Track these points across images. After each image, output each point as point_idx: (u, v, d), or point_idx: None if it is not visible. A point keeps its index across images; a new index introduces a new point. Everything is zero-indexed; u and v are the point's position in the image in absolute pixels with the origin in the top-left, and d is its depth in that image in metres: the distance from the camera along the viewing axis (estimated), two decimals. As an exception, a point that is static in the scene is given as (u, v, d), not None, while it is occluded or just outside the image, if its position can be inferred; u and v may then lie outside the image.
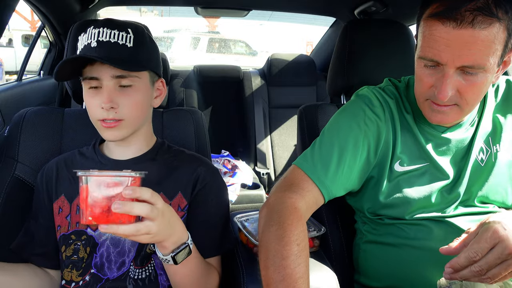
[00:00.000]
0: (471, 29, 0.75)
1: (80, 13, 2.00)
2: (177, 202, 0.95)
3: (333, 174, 0.90)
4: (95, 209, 0.65)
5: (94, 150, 1.00)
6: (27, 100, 2.06)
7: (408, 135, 0.95)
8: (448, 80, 0.80)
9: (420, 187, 0.93)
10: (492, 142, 0.94)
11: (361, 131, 0.93)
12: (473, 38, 0.75)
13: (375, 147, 0.94)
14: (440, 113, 0.86)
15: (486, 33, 0.75)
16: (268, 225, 0.80)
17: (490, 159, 0.93)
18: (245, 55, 9.53)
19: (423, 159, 0.94)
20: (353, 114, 0.96)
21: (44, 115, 1.13)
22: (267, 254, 0.76)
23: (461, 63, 0.78)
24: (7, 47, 10.23)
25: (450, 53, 0.77)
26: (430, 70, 0.83)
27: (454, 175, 0.94)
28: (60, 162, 1.00)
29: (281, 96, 2.90)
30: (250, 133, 2.79)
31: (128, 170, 0.72)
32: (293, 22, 3.44)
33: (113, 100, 0.87)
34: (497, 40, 0.77)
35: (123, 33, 0.86)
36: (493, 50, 0.77)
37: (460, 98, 0.83)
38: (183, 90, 2.79)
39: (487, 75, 0.80)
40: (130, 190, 0.66)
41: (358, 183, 0.96)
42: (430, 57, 0.81)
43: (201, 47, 8.54)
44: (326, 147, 0.92)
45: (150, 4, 3.09)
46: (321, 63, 3.04)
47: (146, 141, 1.00)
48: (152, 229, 0.70)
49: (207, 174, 0.98)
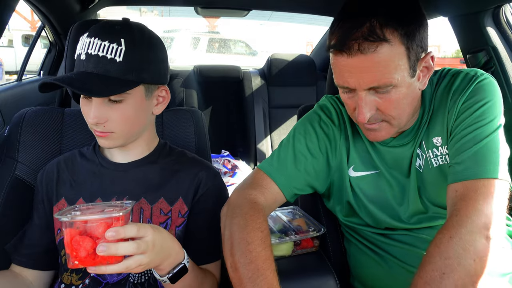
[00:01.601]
0: (362, 55, 0.78)
1: (80, 13, 2.00)
2: (178, 208, 0.94)
3: (291, 172, 0.96)
4: (80, 252, 0.64)
5: (95, 152, 0.99)
6: (27, 100, 2.06)
7: (359, 142, 1.00)
8: (363, 102, 0.83)
9: (374, 192, 0.97)
10: (426, 147, 0.93)
11: (315, 134, 0.99)
12: (367, 63, 0.78)
13: (333, 150, 1.00)
14: (373, 131, 0.89)
15: (378, 55, 0.77)
16: (231, 217, 0.86)
17: (427, 165, 0.93)
18: (245, 55, 9.54)
19: (373, 166, 0.98)
20: (310, 119, 1.03)
21: (44, 115, 1.13)
22: (232, 243, 0.82)
23: (367, 85, 0.81)
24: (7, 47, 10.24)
25: (354, 78, 0.81)
26: (348, 94, 0.87)
27: (401, 185, 0.96)
28: (60, 163, 0.99)
29: (281, 96, 2.90)
30: (250, 133, 2.79)
31: (117, 202, 0.71)
32: (293, 22, 3.44)
33: (101, 115, 0.84)
34: (394, 58, 0.78)
35: (114, 45, 0.82)
36: (393, 67, 0.79)
37: (384, 115, 0.86)
38: (183, 90, 2.80)
39: (400, 89, 0.82)
40: (113, 232, 0.64)
41: (321, 184, 1.01)
42: (341, 84, 0.85)
43: (201, 47, 8.54)
44: (284, 149, 1.00)
45: (150, 4, 3.09)
46: (321, 63, 3.04)
47: (148, 144, 0.99)
48: (143, 261, 0.68)
49: (208, 179, 0.97)
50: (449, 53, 15.86)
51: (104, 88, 0.81)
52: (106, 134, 0.87)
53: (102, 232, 0.64)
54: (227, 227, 0.85)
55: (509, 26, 1.50)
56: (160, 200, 0.93)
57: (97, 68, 0.82)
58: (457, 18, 1.55)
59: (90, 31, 0.85)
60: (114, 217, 0.65)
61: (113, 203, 0.73)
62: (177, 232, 0.94)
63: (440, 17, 1.59)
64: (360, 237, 1.05)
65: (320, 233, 1.03)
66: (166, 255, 0.75)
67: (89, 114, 0.86)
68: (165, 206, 0.93)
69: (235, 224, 0.84)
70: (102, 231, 0.64)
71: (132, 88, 0.85)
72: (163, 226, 0.92)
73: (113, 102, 0.85)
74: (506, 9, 1.49)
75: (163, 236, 0.75)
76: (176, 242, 0.80)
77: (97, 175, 0.96)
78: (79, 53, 0.85)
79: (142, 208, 0.92)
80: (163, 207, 0.93)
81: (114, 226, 0.65)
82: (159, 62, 0.91)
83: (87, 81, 0.81)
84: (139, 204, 0.93)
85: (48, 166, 1.00)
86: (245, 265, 0.77)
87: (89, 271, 0.65)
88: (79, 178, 0.96)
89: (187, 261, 0.81)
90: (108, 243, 0.63)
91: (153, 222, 0.92)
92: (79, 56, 0.85)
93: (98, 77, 0.82)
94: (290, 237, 0.98)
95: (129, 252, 0.66)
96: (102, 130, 0.87)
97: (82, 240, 0.64)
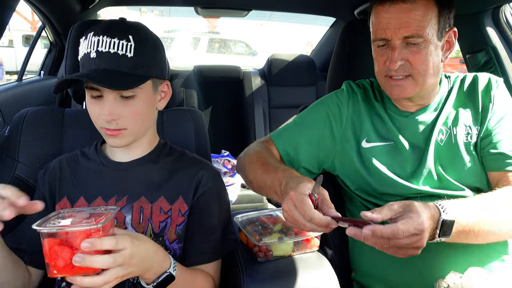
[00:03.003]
0: (402, 4, 0.95)
1: (80, 13, 2.00)
2: (178, 207, 0.95)
3: (292, 137, 1.13)
4: (58, 262, 0.64)
5: (96, 151, 0.99)
6: (28, 100, 2.06)
7: (375, 118, 1.11)
8: (396, 51, 0.97)
9: (387, 161, 1.06)
10: (452, 124, 1.05)
11: (324, 111, 1.14)
12: (406, 12, 0.95)
13: (338, 124, 1.12)
14: (398, 86, 1.00)
15: (415, 6, 0.94)
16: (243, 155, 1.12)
17: (450, 139, 1.04)
18: (245, 55, 9.54)
19: (389, 138, 1.08)
20: (323, 99, 1.18)
21: (44, 115, 1.13)
22: (247, 162, 1.08)
23: (402, 34, 0.95)
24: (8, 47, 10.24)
25: (392, 28, 0.96)
26: (382, 50, 1.01)
27: (418, 155, 1.05)
28: (63, 162, 0.99)
29: (281, 96, 2.90)
30: (250, 133, 2.79)
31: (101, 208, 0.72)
32: (293, 22, 3.45)
33: (114, 112, 0.85)
34: (428, 12, 0.95)
35: (123, 41, 0.84)
36: (427, 21, 0.95)
37: (411, 68, 0.98)
38: (183, 90, 2.80)
39: (429, 45, 0.96)
40: (88, 244, 0.64)
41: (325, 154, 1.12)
42: (379, 36, 0.99)
43: (201, 47, 8.54)
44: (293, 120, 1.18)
45: (150, 4, 3.09)
46: (321, 63, 3.04)
47: (149, 143, 1.00)
48: (119, 274, 0.68)
49: (208, 178, 0.97)
50: (449, 53, 15.80)
51: (123, 83, 0.83)
52: (119, 132, 0.88)
53: (80, 242, 0.64)
54: (241, 160, 1.12)
55: (508, 26, 1.50)
56: (160, 199, 0.94)
57: (109, 65, 0.83)
58: (457, 18, 1.55)
59: (96, 30, 0.85)
60: (93, 228, 0.65)
61: (98, 209, 0.73)
62: (177, 231, 0.94)
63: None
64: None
65: (320, 233, 1.03)
66: (147, 266, 0.76)
67: (101, 112, 0.86)
68: (165, 205, 0.94)
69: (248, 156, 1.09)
70: (80, 241, 0.64)
71: (144, 82, 0.87)
72: (163, 225, 0.93)
73: (125, 98, 0.87)
74: (505, 9, 1.49)
75: (144, 247, 0.75)
76: (161, 251, 0.80)
77: (98, 174, 0.96)
78: (87, 51, 0.85)
79: (142, 207, 0.93)
80: (163, 206, 0.94)
81: (92, 237, 0.65)
82: (162, 57, 0.94)
83: (104, 77, 0.82)
84: (139, 202, 0.93)
85: (50, 165, 1.00)
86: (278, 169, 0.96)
87: (68, 280, 0.65)
88: (81, 177, 0.96)
89: (174, 269, 0.81)
90: (84, 254, 0.64)
91: (153, 221, 0.92)
92: (87, 55, 0.85)
93: (112, 73, 0.83)
94: (290, 237, 0.98)
95: (105, 266, 0.66)
96: (115, 128, 0.87)
97: (60, 250, 0.64)
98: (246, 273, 0.93)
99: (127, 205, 0.92)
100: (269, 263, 0.97)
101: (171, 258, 0.82)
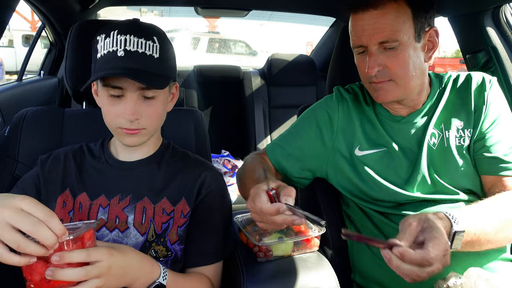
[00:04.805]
0: (374, 10, 0.95)
1: (80, 13, 2.00)
2: (181, 208, 0.94)
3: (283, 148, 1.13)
4: (34, 276, 0.64)
5: (102, 149, 0.99)
6: (27, 100, 2.06)
7: (367, 124, 1.09)
8: (372, 57, 0.97)
9: (380, 168, 1.05)
10: (444, 127, 1.04)
11: (314, 120, 1.13)
12: (378, 18, 0.94)
13: (329, 133, 1.11)
14: (381, 90, 1.00)
15: (386, 10, 0.94)
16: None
17: (442, 143, 1.03)
18: (245, 55, 9.54)
19: (381, 144, 1.06)
20: (314, 107, 1.18)
21: (44, 115, 1.13)
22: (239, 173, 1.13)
23: (376, 40, 0.95)
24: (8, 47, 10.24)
25: (367, 34, 0.96)
26: (362, 56, 1.01)
27: (411, 160, 1.03)
28: (68, 155, 0.99)
29: (281, 96, 2.90)
30: (250, 133, 2.79)
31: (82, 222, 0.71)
32: (293, 22, 3.44)
33: (137, 111, 0.86)
34: (400, 15, 0.94)
35: (149, 42, 0.84)
36: (400, 24, 0.94)
37: (391, 72, 0.97)
38: (183, 90, 2.80)
39: (406, 49, 0.95)
40: (57, 257, 0.63)
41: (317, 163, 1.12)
42: (356, 43, 1.00)
43: (201, 47, 8.54)
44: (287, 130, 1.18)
45: (150, 4, 3.09)
46: (321, 63, 3.04)
47: (154, 143, 1.00)
48: (98, 284, 0.68)
49: (211, 180, 0.97)
50: (449, 53, 15.86)
51: (157, 82, 0.85)
52: (138, 131, 0.88)
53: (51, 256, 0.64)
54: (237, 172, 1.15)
55: (509, 26, 1.50)
56: (163, 200, 0.94)
57: (138, 64, 0.83)
58: (457, 18, 1.55)
59: (120, 28, 0.84)
60: (65, 241, 0.64)
61: (78, 223, 0.73)
62: (179, 232, 0.94)
63: (440, 17, 1.59)
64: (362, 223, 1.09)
65: (320, 233, 1.03)
66: (133, 277, 0.76)
67: (124, 112, 0.85)
68: (168, 206, 0.94)
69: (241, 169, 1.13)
70: (50, 255, 0.64)
71: (168, 83, 0.90)
72: (165, 226, 0.93)
73: (146, 98, 0.87)
74: (506, 9, 1.49)
75: (126, 258, 0.75)
76: (147, 261, 0.81)
77: (101, 172, 0.96)
78: (113, 49, 0.83)
79: (145, 207, 0.93)
80: (166, 207, 0.94)
81: (62, 250, 0.65)
82: (175, 59, 0.96)
83: (139, 76, 0.82)
84: (142, 203, 0.93)
85: (54, 153, 0.99)
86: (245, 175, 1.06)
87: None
88: (84, 173, 0.96)
89: (164, 278, 0.81)
90: (55, 268, 0.64)
91: (155, 222, 0.92)
92: (113, 53, 0.83)
93: (141, 72, 0.83)
94: (290, 237, 0.98)
95: (77, 278, 0.66)
96: (136, 127, 0.87)
97: (35, 264, 0.64)
98: (246, 273, 0.93)
99: (130, 205, 0.92)
100: (269, 263, 0.97)
101: (161, 267, 0.83)
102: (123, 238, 0.91)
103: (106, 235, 0.91)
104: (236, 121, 2.98)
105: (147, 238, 0.91)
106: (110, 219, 0.91)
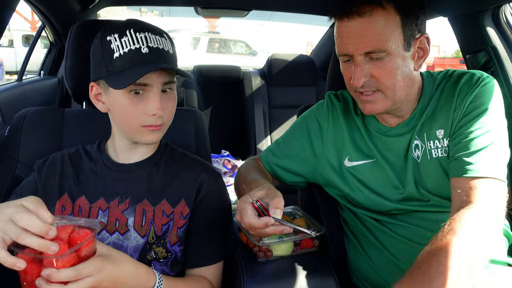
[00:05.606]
0: (360, 18, 0.88)
1: (80, 13, 2.00)
2: (180, 210, 0.94)
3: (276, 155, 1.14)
4: (27, 277, 0.66)
5: (99, 151, 0.98)
6: (27, 100, 2.06)
7: (356, 133, 1.06)
8: (358, 67, 0.90)
9: (369, 179, 1.03)
10: (426, 138, 0.98)
11: (305, 127, 1.12)
12: (364, 26, 0.88)
13: (319, 142, 1.09)
14: (368, 102, 0.95)
15: (373, 19, 0.87)
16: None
17: (425, 156, 0.97)
18: (245, 55, 9.55)
19: (370, 155, 1.03)
20: (306, 114, 1.17)
21: (44, 115, 1.13)
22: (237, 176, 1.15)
23: (363, 50, 0.89)
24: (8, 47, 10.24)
25: (352, 43, 0.90)
26: (347, 65, 0.95)
27: (398, 173, 1.00)
28: (65, 158, 0.98)
29: (281, 96, 2.90)
30: (250, 133, 2.79)
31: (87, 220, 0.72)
32: (293, 22, 3.44)
33: (163, 106, 0.87)
34: (389, 24, 0.87)
35: (163, 39, 0.87)
36: (388, 34, 0.87)
37: (378, 83, 0.91)
38: (183, 90, 2.80)
39: (394, 59, 0.89)
40: (48, 272, 0.65)
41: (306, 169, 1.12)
42: (341, 51, 0.93)
43: (201, 47, 8.55)
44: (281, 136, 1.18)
45: (150, 4, 3.09)
46: (321, 63, 3.04)
47: (153, 144, 0.99)
48: None
49: (210, 180, 0.97)
50: (449, 53, 15.87)
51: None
52: (160, 127, 0.90)
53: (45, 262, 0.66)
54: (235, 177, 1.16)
55: (509, 26, 1.50)
56: (163, 202, 0.94)
57: (162, 59, 0.86)
58: (457, 18, 1.55)
59: (135, 27, 0.84)
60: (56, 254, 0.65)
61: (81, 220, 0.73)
62: (179, 233, 0.94)
63: (440, 17, 1.59)
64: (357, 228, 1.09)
65: (320, 233, 1.03)
66: (128, 287, 0.77)
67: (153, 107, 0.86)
68: (167, 208, 0.94)
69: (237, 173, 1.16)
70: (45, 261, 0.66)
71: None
72: (165, 228, 0.93)
73: (166, 93, 0.89)
74: (506, 9, 1.49)
75: (121, 269, 0.76)
76: (143, 270, 0.81)
77: (99, 175, 0.95)
78: (136, 47, 0.83)
79: (144, 210, 0.92)
80: (166, 209, 0.93)
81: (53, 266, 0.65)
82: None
83: (169, 69, 0.86)
84: (142, 205, 0.93)
85: (51, 157, 0.99)
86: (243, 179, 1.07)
87: None
88: (82, 176, 0.96)
89: (159, 286, 0.82)
90: (43, 281, 0.65)
91: (155, 224, 0.92)
92: (137, 50, 0.83)
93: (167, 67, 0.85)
94: (290, 237, 0.98)
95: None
96: (160, 123, 0.89)
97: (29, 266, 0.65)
98: (246, 273, 0.93)
99: (129, 207, 0.92)
100: (269, 263, 0.97)
101: (157, 275, 0.83)
102: (124, 241, 0.91)
103: (106, 238, 0.91)
104: (236, 121, 2.98)
105: (148, 240, 0.91)
106: (110, 222, 0.91)
